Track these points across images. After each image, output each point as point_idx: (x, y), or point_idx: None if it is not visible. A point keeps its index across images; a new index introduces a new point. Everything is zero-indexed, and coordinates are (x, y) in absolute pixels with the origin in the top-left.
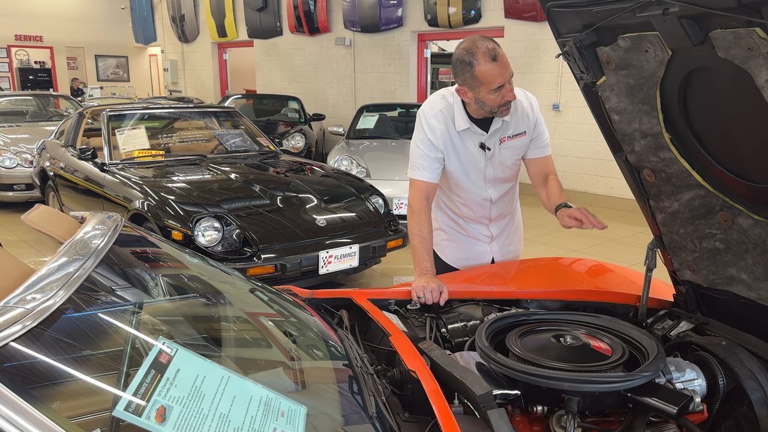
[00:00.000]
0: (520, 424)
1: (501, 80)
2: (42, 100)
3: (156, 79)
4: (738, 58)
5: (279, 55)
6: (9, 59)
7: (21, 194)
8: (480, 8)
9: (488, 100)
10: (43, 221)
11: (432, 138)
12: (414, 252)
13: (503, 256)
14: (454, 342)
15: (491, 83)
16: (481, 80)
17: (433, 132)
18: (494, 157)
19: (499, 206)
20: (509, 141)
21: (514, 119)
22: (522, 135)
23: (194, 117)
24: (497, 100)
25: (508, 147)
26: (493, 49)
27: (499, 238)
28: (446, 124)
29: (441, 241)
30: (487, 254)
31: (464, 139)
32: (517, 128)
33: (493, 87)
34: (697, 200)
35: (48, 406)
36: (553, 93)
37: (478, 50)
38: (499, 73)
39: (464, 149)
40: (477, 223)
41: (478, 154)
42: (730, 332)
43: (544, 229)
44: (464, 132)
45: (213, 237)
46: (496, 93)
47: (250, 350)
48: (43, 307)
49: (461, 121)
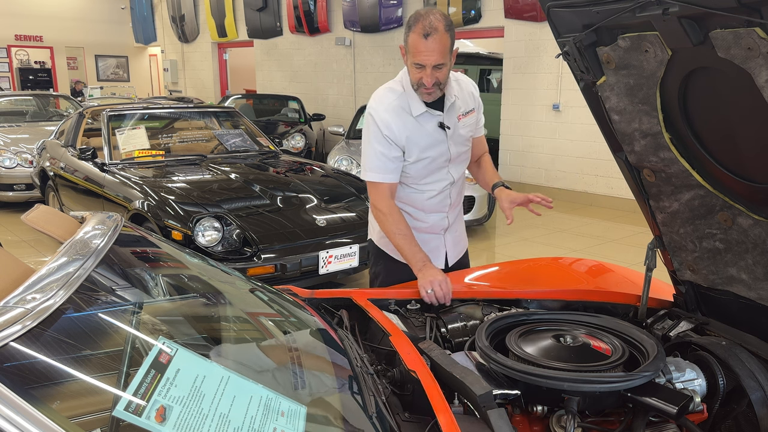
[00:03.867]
0: (520, 424)
1: (423, 59)
2: (42, 100)
3: (156, 79)
4: (738, 58)
5: (279, 55)
6: (9, 59)
7: (21, 194)
8: (480, 8)
9: (411, 72)
10: (43, 221)
11: (389, 134)
12: (402, 251)
13: (455, 247)
14: (454, 342)
15: (414, 56)
16: (409, 48)
17: (389, 128)
18: (454, 135)
19: (457, 187)
20: (464, 118)
21: (462, 97)
22: (472, 112)
23: (194, 117)
24: (416, 76)
25: (465, 125)
26: (433, 29)
27: (452, 228)
28: (401, 116)
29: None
30: (441, 248)
31: (423, 123)
32: (467, 106)
33: (415, 61)
34: (697, 200)
35: (48, 406)
36: (553, 93)
37: (421, 20)
38: (424, 51)
39: (424, 134)
40: (437, 213)
41: (439, 135)
42: (730, 332)
43: (544, 229)
44: (422, 116)
45: (213, 237)
46: (417, 69)
47: (250, 350)
48: (43, 307)
49: (417, 105)
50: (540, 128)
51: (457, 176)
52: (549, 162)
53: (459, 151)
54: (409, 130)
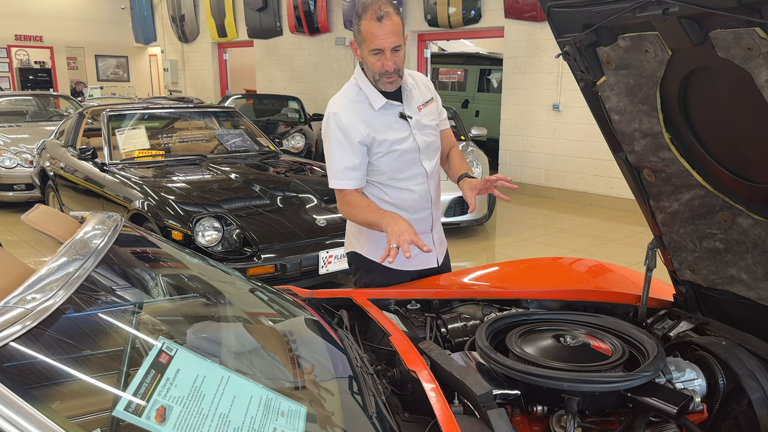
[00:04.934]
0: (520, 424)
1: (380, 43)
2: (42, 100)
3: (156, 79)
4: (738, 58)
5: (279, 55)
6: (9, 59)
7: (21, 194)
8: (480, 8)
9: (369, 62)
10: (43, 221)
11: (351, 137)
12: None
13: (440, 246)
14: (454, 342)
15: (371, 42)
16: (363, 36)
17: (349, 132)
18: (417, 125)
19: (434, 181)
20: (424, 108)
21: (419, 88)
22: (431, 102)
23: (194, 117)
24: (377, 65)
25: (426, 114)
26: (385, 13)
27: (436, 226)
28: (362, 113)
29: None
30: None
31: (385, 116)
32: (424, 96)
33: (372, 47)
34: (697, 200)
35: (48, 406)
36: (553, 93)
37: (370, 7)
38: (380, 35)
39: (388, 127)
40: (422, 211)
41: (402, 126)
42: (730, 332)
43: (544, 229)
44: (383, 109)
45: (213, 237)
46: (376, 56)
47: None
48: (43, 307)
49: (377, 99)
50: (540, 128)
51: (430, 169)
52: (549, 162)
53: (426, 141)
54: (372, 126)
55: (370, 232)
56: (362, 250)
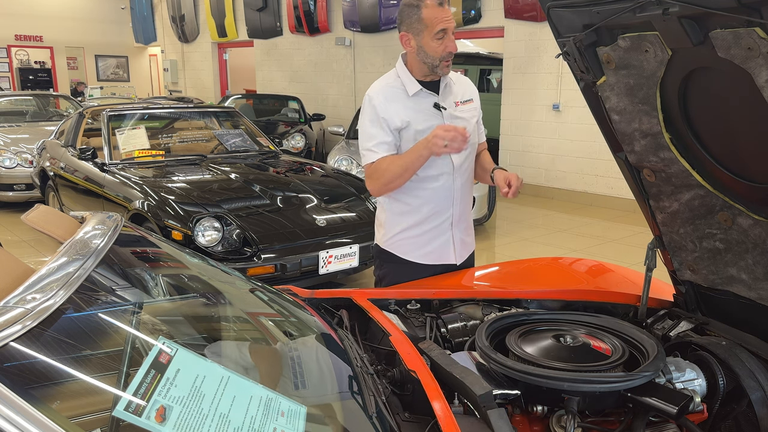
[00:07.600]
0: (520, 424)
1: (445, 24)
2: (42, 100)
3: (156, 79)
4: (738, 58)
5: (279, 55)
6: (9, 59)
7: (21, 194)
8: (480, 8)
9: (430, 48)
10: (43, 221)
11: (385, 115)
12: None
13: (462, 246)
14: (454, 342)
15: (435, 26)
16: (426, 23)
17: (382, 111)
18: (451, 118)
19: (460, 177)
20: (462, 105)
21: (459, 85)
22: (470, 102)
23: (194, 117)
24: (440, 49)
25: (463, 111)
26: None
27: (458, 225)
28: (396, 98)
29: (401, 240)
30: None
31: (418, 103)
32: (464, 95)
33: (437, 30)
34: (697, 200)
35: (48, 406)
36: (553, 93)
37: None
38: (444, 17)
39: (420, 114)
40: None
41: (435, 115)
42: (730, 332)
43: (544, 229)
44: (417, 95)
45: (213, 237)
46: (439, 41)
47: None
48: (43, 307)
49: (412, 85)
50: (540, 128)
51: (457, 162)
52: (549, 162)
53: None
54: (405, 112)
55: (387, 223)
56: (379, 242)
